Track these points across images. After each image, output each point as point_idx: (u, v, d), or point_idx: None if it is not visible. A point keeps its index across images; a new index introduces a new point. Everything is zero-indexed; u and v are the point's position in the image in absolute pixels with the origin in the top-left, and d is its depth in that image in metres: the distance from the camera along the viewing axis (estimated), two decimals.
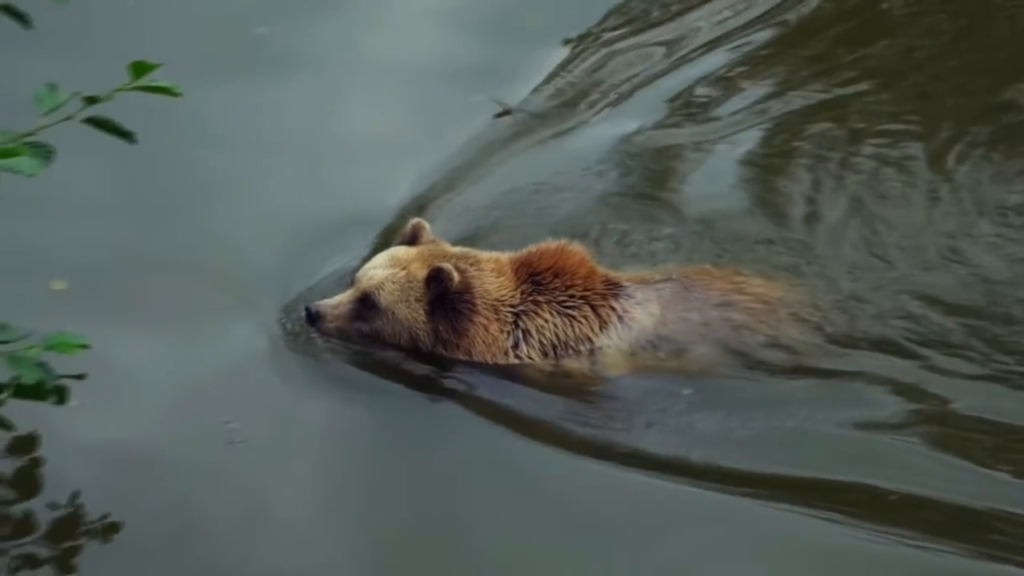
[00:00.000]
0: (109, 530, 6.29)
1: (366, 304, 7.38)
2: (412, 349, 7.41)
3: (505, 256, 7.55)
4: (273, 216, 8.39)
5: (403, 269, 7.37)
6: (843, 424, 7.08)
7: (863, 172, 8.74)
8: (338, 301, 7.45)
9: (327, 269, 8.02)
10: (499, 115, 9.48)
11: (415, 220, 7.66)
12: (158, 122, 5.32)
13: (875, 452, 6.92)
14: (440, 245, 7.56)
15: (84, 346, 5.17)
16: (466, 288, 7.32)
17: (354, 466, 6.90)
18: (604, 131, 9.28)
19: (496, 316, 7.37)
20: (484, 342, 7.35)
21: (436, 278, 7.28)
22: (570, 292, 7.41)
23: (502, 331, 7.37)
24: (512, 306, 7.39)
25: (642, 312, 7.41)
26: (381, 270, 7.40)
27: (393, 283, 7.35)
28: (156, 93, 5.16)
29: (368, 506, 6.67)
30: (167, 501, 6.52)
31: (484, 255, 7.53)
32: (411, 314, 7.34)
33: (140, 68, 5.14)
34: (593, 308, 7.41)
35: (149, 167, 8.41)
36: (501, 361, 7.35)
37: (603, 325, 7.39)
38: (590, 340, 7.38)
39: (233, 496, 6.60)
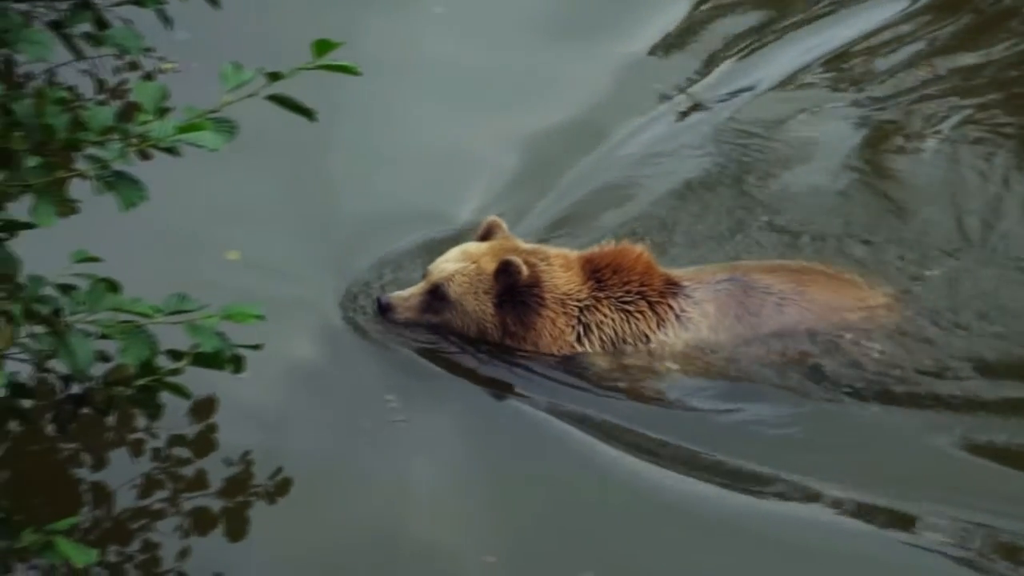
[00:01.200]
0: (281, 488, 6.49)
1: (436, 296, 7.53)
2: (480, 340, 7.53)
3: (573, 253, 7.69)
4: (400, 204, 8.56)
5: (474, 263, 7.52)
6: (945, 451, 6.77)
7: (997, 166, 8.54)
8: (409, 293, 7.59)
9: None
10: (686, 112, 9.52)
11: (491, 217, 7.80)
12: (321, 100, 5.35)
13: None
14: (512, 241, 7.69)
15: (259, 317, 5.21)
16: (535, 282, 7.46)
17: (475, 460, 7.08)
18: (708, 114, 9.36)
19: (563, 310, 7.51)
20: (551, 335, 7.49)
21: (504, 271, 7.43)
22: (627, 288, 7.54)
23: (568, 325, 7.50)
24: (578, 301, 7.52)
25: (698, 312, 7.51)
26: (452, 263, 7.55)
27: (463, 276, 7.49)
28: (337, 72, 5.19)
29: (493, 498, 6.85)
30: (327, 468, 6.76)
31: (553, 251, 7.66)
32: (479, 306, 7.48)
33: (323, 46, 5.17)
34: (650, 305, 7.53)
35: (314, 148, 8.55)
36: (567, 353, 7.49)
37: (660, 322, 7.50)
38: (647, 337, 7.51)
39: (384, 468, 6.79)
